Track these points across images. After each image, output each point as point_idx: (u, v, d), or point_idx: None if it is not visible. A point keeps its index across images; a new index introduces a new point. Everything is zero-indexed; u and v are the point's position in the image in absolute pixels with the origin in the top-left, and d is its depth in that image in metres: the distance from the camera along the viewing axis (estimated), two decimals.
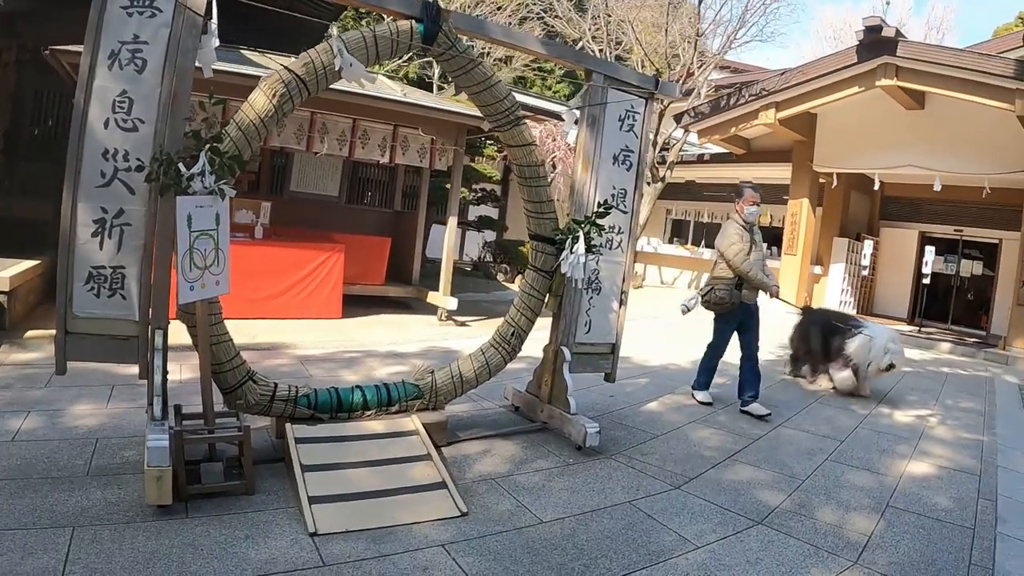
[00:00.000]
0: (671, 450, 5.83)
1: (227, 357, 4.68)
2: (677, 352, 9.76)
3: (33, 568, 3.34)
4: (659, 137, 17.05)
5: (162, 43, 4.22)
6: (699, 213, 19.96)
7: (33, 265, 8.75)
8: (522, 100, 16.50)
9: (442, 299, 11.24)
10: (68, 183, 4.15)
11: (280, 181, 13.01)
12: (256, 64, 9.76)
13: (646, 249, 20.44)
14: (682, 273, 19.97)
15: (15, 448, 4.76)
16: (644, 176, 6.51)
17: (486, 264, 18.17)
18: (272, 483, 4.51)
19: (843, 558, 4.11)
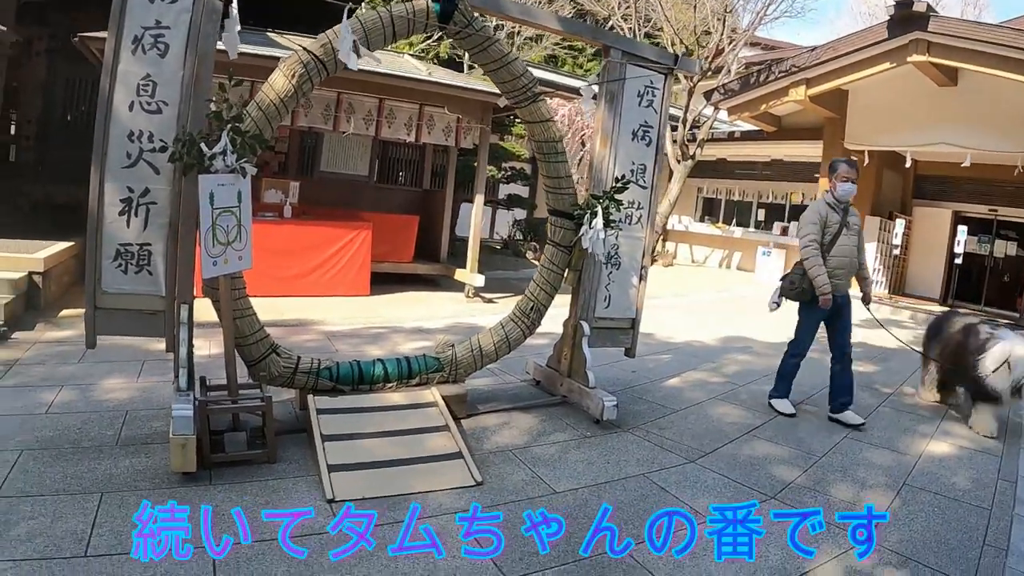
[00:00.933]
0: (689, 425, 5.89)
1: (251, 331, 4.83)
2: (702, 330, 9.79)
3: (63, 530, 3.52)
4: (689, 115, 16.97)
5: (183, 28, 4.35)
6: (730, 191, 19.81)
7: (67, 247, 9.01)
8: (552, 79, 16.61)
9: (469, 276, 11.37)
10: (95, 164, 4.31)
11: (310, 161, 13.19)
12: (280, 46, 9.89)
13: (677, 228, 20.38)
14: (713, 252, 19.90)
15: (48, 420, 4.97)
16: (664, 151, 6.50)
17: (515, 242, 18.25)
18: (294, 452, 4.66)
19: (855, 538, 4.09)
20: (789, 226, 17.33)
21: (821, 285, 6.06)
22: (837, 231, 6.23)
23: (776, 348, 8.82)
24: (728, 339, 9.42)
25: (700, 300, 13.09)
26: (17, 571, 3.15)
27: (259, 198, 11.06)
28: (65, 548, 3.36)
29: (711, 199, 20.59)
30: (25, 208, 11.52)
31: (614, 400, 5.64)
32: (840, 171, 6.25)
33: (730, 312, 11.62)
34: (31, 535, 3.46)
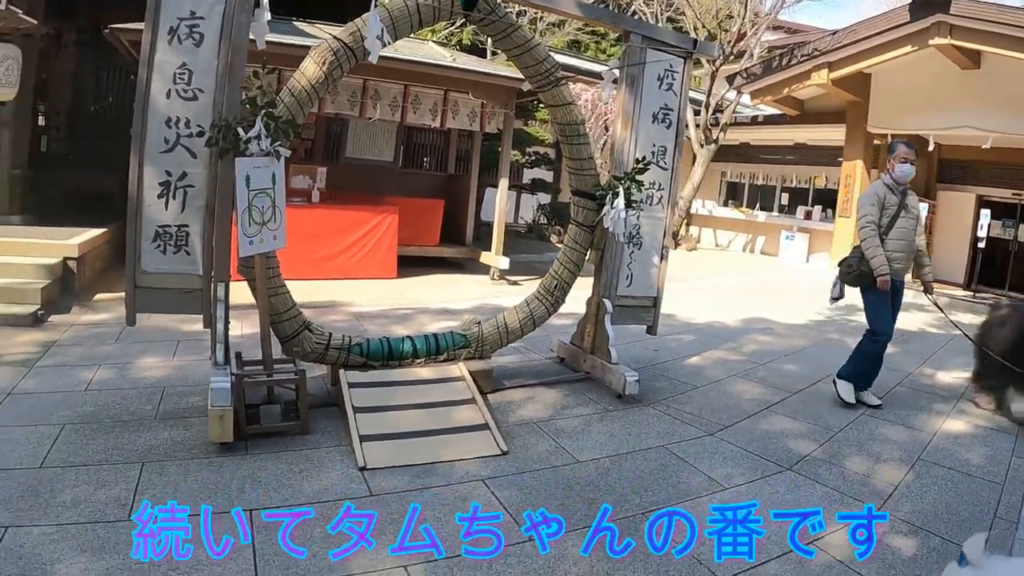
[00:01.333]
0: (709, 400, 6.02)
1: (284, 308, 5.03)
2: (724, 312, 9.89)
3: (106, 497, 3.75)
4: (712, 99, 17.00)
5: (217, 18, 4.55)
6: (754, 175, 19.78)
7: (100, 233, 9.28)
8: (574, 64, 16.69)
9: (494, 259, 11.54)
10: (134, 150, 4.52)
11: (336, 147, 13.37)
12: (307, 34, 10.07)
13: (700, 212, 20.41)
14: (737, 236, 19.91)
15: (88, 396, 5.22)
16: (685, 134, 6.61)
17: (540, 226, 18.40)
18: (326, 424, 4.88)
19: (866, 504, 4.19)
20: (813, 210, 17.34)
21: (879, 266, 5.83)
22: (895, 213, 6.03)
23: (796, 330, 8.97)
24: (750, 320, 9.52)
25: (723, 283, 13.17)
26: (63, 534, 3.35)
27: (287, 184, 11.22)
28: (109, 513, 3.57)
29: (735, 183, 20.58)
30: (57, 196, 11.81)
31: (636, 375, 5.79)
32: (899, 152, 6.08)
33: (752, 295, 11.70)
34: (76, 502, 3.68)
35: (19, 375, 5.58)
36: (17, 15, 8.81)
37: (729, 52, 16.88)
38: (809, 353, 7.81)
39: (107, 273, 9.40)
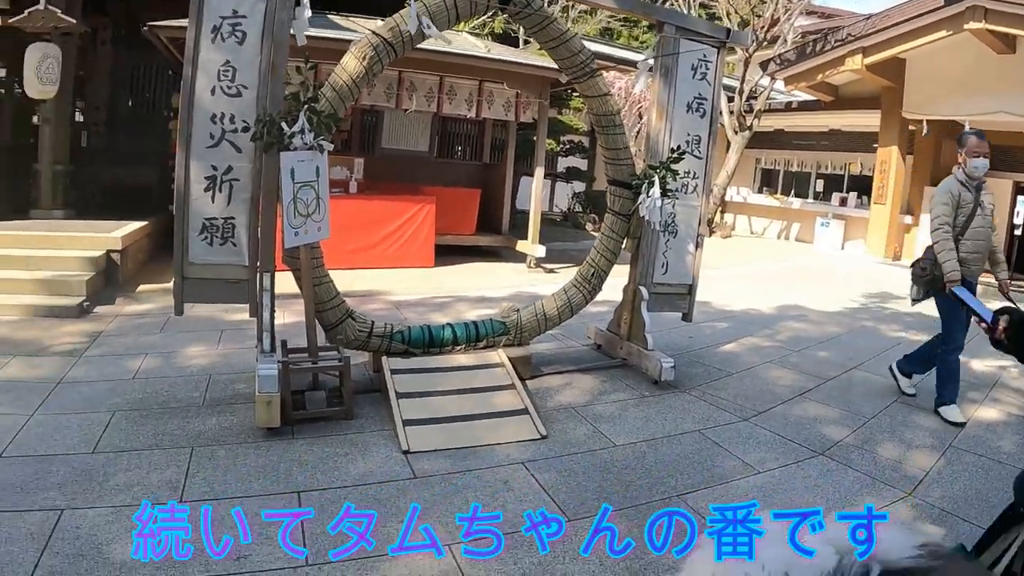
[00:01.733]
0: (744, 387, 6.08)
1: (328, 297, 5.18)
2: (759, 299, 9.90)
3: (159, 480, 3.92)
4: (745, 85, 16.92)
5: (259, 16, 4.70)
6: (788, 162, 19.64)
7: (141, 226, 9.51)
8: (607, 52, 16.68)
9: (530, 247, 11.63)
10: (181, 145, 4.70)
11: (372, 138, 13.52)
12: (342, 28, 10.20)
13: (735, 199, 20.31)
14: (772, 223, 19.78)
15: (136, 384, 5.41)
16: (719, 123, 6.65)
17: (575, 214, 18.44)
18: (369, 410, 5.02)
19: (897, 489, 4.28)
20: (848, 197, 17.20)
21: (949, 271, 5.38)
22: (971, 212, 5.57)
23: (831, 317, 8.98)
24: (784, 308, 9.53)
25: (758, 270, 13.16)
26: (117, 516, 3.51)
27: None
28: (161, 495, 3.72)
29: (769, 170, 20.45)
30: (98, 191, 12.08)
31: (672, 361, 5.86)
32: (970, 144, 5.54)
33: (787, 282, 11.68)
34: (129, 485, 3.85)
35: (68, 364, 5.78)
36: (56, 14, 9.04)
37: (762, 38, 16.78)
38: (843, 340, 7.83)
39: (149, 265, 9.62)
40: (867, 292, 10.74)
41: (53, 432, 4.50)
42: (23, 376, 5.52)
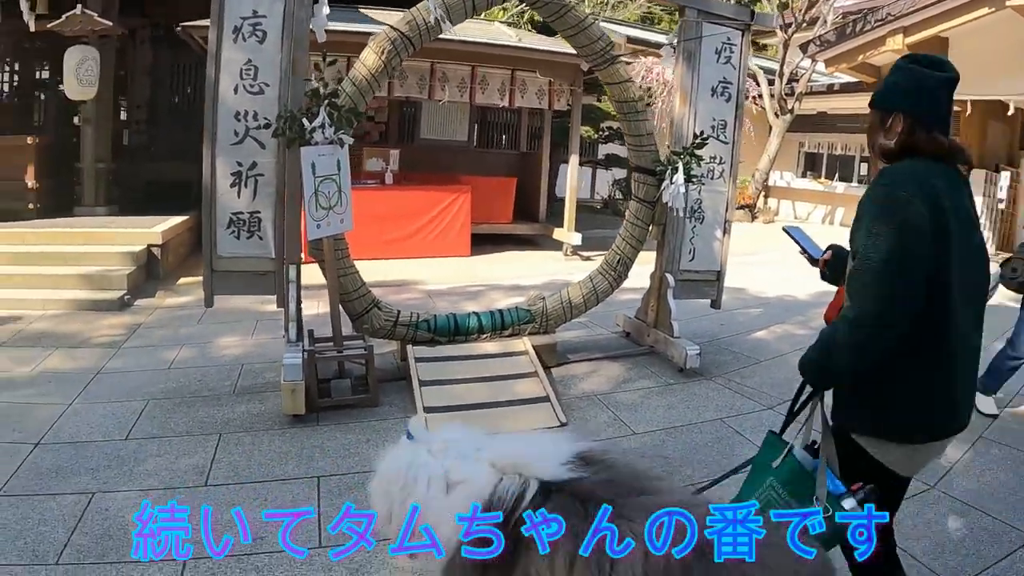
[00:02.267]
0: (771, 375, 6.05)
1: (354, 287, 5.28)
2: (795, 285, 9.79)
3: (186, 465, 4.09)
4: (786, 68, 16.70)
5: (278, 15, 4.82)
6: (832, 145, 19.32)
7: (182, 220, 9.78)
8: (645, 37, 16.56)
9: (566, 235, 11.67)
10: (206, 143, 4.85)
11: (410, 129, 13.64)
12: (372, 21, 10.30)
13: (778, 184, 20.05)
14: (816, 208, 19.49)
15: (171, 374, 5.62)
16: (744, 107, 6.60)
17: (615, 201, 18.39)
18: (394, 397, 5.14)
19: (920, 481, 4.12)
20: None
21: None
22: None
23: None
24: (822, 294, 9.39)
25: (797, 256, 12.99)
26: (145, 498, 3.66)
27: (362, 167, 11.62)
28: (188, 479, 3.92)
29: (812, 154, 20.15)
30: (140, 187, 12.38)
31: (697, 349, 5.87)
32: None
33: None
34: (158, 469, 4.05)
35: (107, 356, 6.01)
36: (92, 18, 9.29)
37: (801, 19, 16.53)
38: None
39: (190, 258, 9.87)
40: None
41: (89, 420, 4.71)
42: (64, 367, 5.75)
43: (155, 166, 12.51)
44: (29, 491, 3.79)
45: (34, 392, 5.24)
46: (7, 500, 3.69)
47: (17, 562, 3.18)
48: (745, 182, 17.93)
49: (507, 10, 16.98)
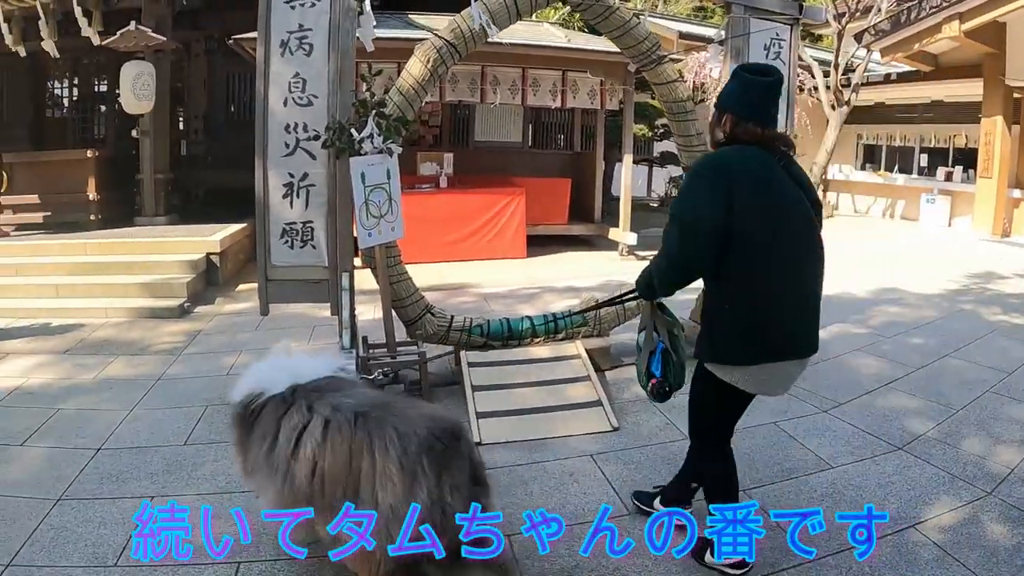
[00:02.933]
0: (827, 376, 5.92)
1: (407, 294, 5.34)
2: (854, 282, 9.61)
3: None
4: (841, 58, 16.40)
5: (324, 28, 4.90)
6: (891, 136, 18.88)
7: (240, 228, 9.97)
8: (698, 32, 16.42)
9: (621, 234, 11.64)
10: (258, 156, 4.96)
11: (464, 132, 13.72)
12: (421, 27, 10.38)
13: (837, 177, 19.67)
14: (875, 201, 19.09)
15: (229, 380, 5.61)
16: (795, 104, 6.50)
17: (671, 199, 18.27)
18: (448, 402, 5.16)
19: (977, 488, 4.07)
20: (953, 171, 16.46)
21: None
22: None
23: (929, 300, 8.66)
24: (880, 291, 9.24)
25: (857, 251, 12.72)
26: (202, 502, 3.77)
27: (415, 171, 11.73)
28: (244, 484, 3.87)
29: (871, 145, 19.71)
30: (200, 195, 12.67)
31: None
32: None
33: (886, 263, 11.28)
34: (215, 474, 4.17)
35: (167, 363, 6.17)
36: (147, 34, 9.53)
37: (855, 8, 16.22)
38: (939, 325, 7.53)
39: (248, 265, 10.06)
40: (970, 272, 10.29)
41: (150, 426, 4.86)
42: (125, 374, 5.92)
43: (213, 175, 12.80)
44: (90, 495, 3.94)
45: (96, 398, 5.41)
46: (69, 503, 3.84)
47: (77, 563, 3.31)
48: None
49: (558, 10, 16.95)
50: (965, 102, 15.73)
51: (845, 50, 16.43)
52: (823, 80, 16.37)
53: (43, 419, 4.98)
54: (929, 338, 7.05)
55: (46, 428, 4.85)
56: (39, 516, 3.70)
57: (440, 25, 5.32)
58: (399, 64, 8.59)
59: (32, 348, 6.68)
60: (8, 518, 3.68)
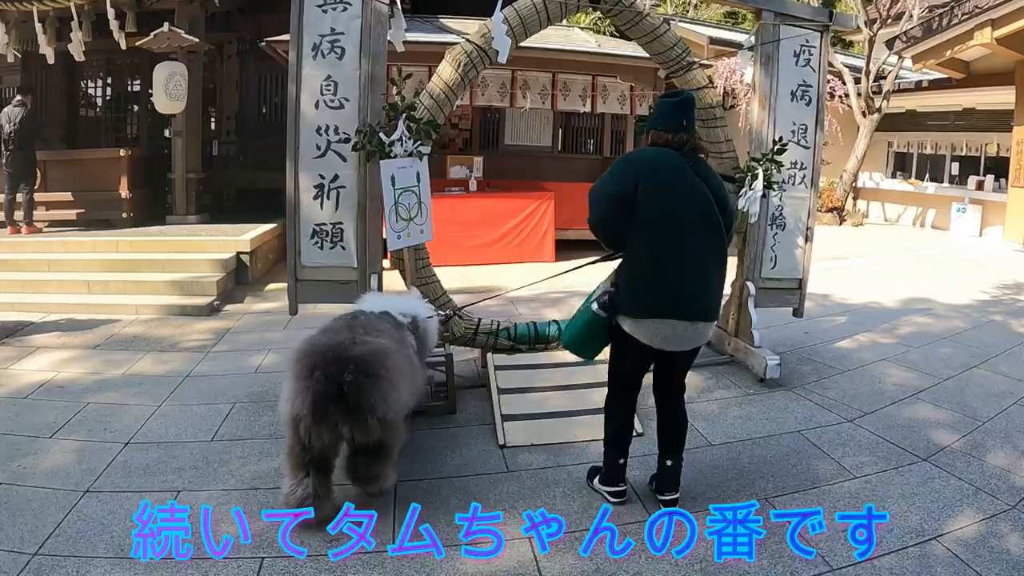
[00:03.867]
0: (853, 386, 5.90)
1: (435, 296, 5.40)
2: (883, 291, 9.55)
3: (267, 467, 4.28)
4: (872, 65, 16.29)
5: (355, 32, 4.95)
6: (922, 144, 18.68)
7: (270, 228, 10.08)
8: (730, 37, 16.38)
9: None
10: (289, 157, 5.02)
11: (494, 136, 13.76)
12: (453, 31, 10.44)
13: (867, 185, 19.52)
14: (906, 209, 18.90)
15: (256, 378, 5.86)
16: (825, 110, 6.48)
17: None
18: (474, 404, 5.22)
19: (1001, 501, 4.03)
20: (985, 180, 16.26)
21: None
22: None
23: (958, 311, 8.59)
24: (909, 300, 9.17)
25: (886, 260, 12.66)
26: (227, 498, 3.90)
27: (445, 174, 11.79)
28: (270, 481, 4.08)
29: (902, 153, 19.53)
30: (231, 195, 12.82)
31: (777, 359, 5.78)
32: None
33: (916, 272, 11.20)
34: (241, 470, 4.25)
35: (196, 360, 6.27)
36: (180, 35, 9.68)
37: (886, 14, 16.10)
38: (968, 336, 7.46)
39: (277, 264, 10.16)
40: (1000, 282, 10.19)
41: (178, 422, 4.94)
42: (154, 371, 6.01)
43: (244, 175, 12.94)
44: (118, 488, 4.02)
45: (125, 393, 5.50)
46: (96, 496, 3.92)
47: (103, 555, 3.37)
48: (833, 184, 17.53)
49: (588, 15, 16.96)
50: (997, 110, 15.56)
51: (876, 56, 16.33)
52: (854, 87, 16.27)
53: (73, 413, 5.08)
54: (957, 349, 6.99)
55: (76, 421, 4.94)
56: (67, 507, 3.77)
57: (471, 29, 5.36)
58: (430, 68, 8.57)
59: (63, 343, 6.80)
60: (36, 508, 3.76)
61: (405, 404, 3.73)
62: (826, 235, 14.35)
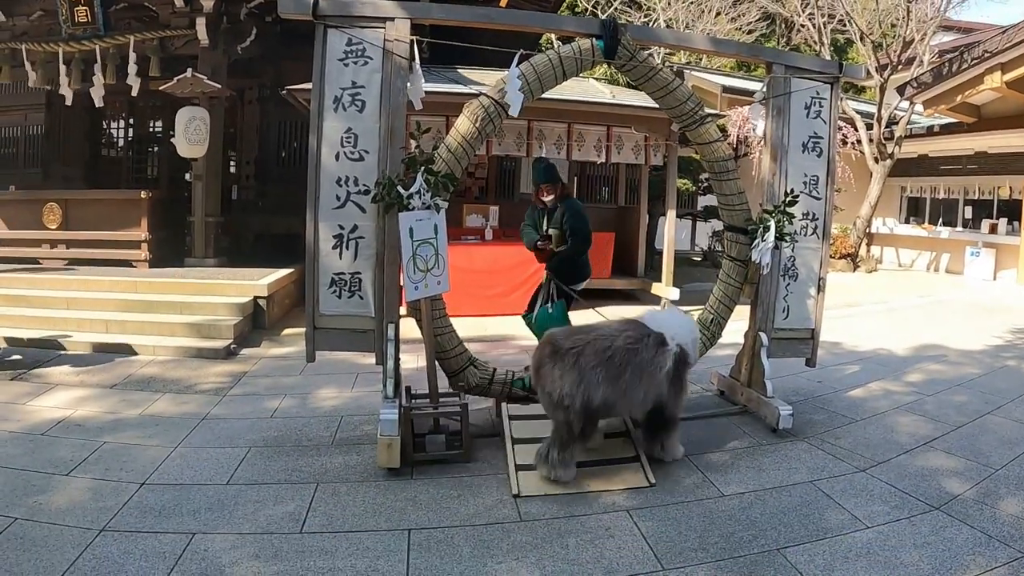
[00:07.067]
0: (866, 435, 5.91)
1: (451, 346, 5.46)
2: (895, 338, 9.56)
3: (282, 512, 4.31)
4: (884, 111, 16.41)
5: (376, 86, 5.10)
6: (935, 189, 18.75)
7: (287, 273, 10.22)
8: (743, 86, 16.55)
9: (664, 290, 11.69)
10: (310, 207, 5.14)
11: (510, 185, 13.89)
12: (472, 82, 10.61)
13: (881, 230, 19.59)
14: (920, 254, 18.94)
15: (272, 423, 5.91)
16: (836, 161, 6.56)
17: (715, 253, 18.26)
18: (487, 453, 5.25)
19: (1014, 549, 4.04)
20: (998, 223, 16.30)
21: None
22: None
23: (971, 357, 8.60)
24: (922, 347, 9.18)
25: (899, 306, 12.66)
26: (241, 542, 3.93)
27: (461, 223, 11.90)
28: (284, 526, 4.13)
29: (915, 198, 19.61)
30: (249, 239, 12.97)
31: (789, 409, 5.81)
32: None
33: (929, 318, 11.22)
34: (256, 515, 4.28)
35: (212, 403, 6.34)
36: (202, 81, 9.90)
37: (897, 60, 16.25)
38: (981, 383, 7.47)
39: (294, 309, 10.28)
40: (1014, 326, 10.19)
41: (193, 464, 5.00)
42: (171, 412, 6.10)
43: (263, 219, 13.10)
44: (132, 528, 4.07)
45: (142, 434, 5.57)
46: (112, 535, 3.97)
47: None
48: (846, 230, 17.57)
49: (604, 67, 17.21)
50: (1009, 153, 15.65)
51: (888, 103, 16.45)
52: (866, 133, 16.39)
53: (90, 451, 5.16)
54: (970, 395, 7.01)
55: (92, 459, 5.02)
56: (82, 545, 3.83)
57: (488, 80, 5.49)
58: (447, 118, 8.80)
59: (80, 380, 6.90)
60: (51, 545, 3.82)
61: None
62: (840, 281, 14.38)
